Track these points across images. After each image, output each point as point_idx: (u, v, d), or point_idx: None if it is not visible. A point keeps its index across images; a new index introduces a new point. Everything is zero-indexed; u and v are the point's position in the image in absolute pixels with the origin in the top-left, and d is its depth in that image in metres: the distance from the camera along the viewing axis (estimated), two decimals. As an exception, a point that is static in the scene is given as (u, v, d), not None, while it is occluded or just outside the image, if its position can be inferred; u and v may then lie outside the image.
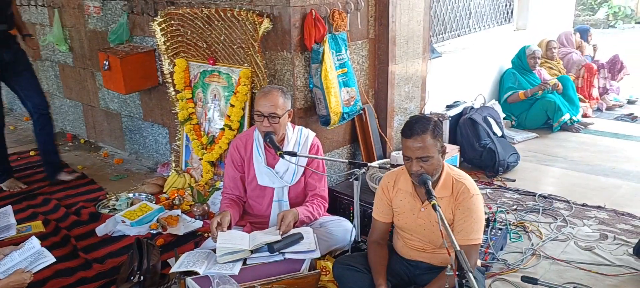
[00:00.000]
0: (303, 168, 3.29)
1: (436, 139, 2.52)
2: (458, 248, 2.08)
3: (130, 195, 4.37)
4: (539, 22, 7.15)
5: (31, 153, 5.54)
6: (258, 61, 3.75)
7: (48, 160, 4.61)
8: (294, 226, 3.07)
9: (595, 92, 6.98)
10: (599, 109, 6.90)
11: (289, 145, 3.20)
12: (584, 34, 7.64)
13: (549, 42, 6.84)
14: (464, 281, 2.07)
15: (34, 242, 3.11)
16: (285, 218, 3.02)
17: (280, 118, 3.11)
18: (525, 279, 2.63)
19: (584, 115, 6.46)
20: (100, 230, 3.82)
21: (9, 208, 4.04)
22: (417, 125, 2.51)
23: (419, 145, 2.49)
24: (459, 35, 5.93)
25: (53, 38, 5.74)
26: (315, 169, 3.27)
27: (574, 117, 6.11)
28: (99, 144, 5.91)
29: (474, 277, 1.99)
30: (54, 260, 3.06)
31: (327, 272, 3.03)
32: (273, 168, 3.27)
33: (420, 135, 2.49)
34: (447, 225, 2.23)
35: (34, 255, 3.04)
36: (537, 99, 6.06)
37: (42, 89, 4.68)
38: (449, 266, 2.13)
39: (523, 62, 6.22)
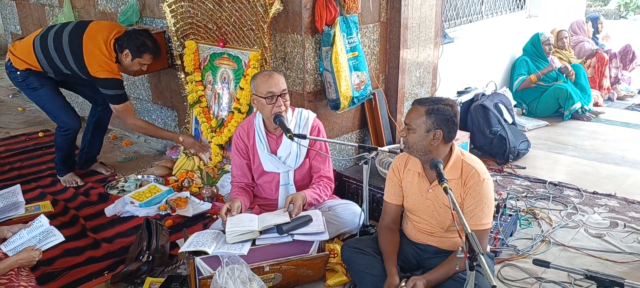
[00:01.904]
0: (306, 151, 3.27)
1: (429, 118, 2.53)
2: (469, 230, 2.07)
3: (139, 176, 4.37)
4: (551, 10, 7.08)
5: (40, 134, 5.56)
6: (265, 43, 3.72)
7: (87, 150, 4.62)
8: (303, 208, 3.07)
9: (606, 83, 6.92)
10: (610, 99, 6.85)
11: (290, 127, 3.18)
12: (593, 22, 7.56)
13: (559, 32, 6.75)
14: (474, 263, 2.06)
15: (43, 221, 3.13)
16: (295, 201, 3.02)
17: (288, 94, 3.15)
18: (537, 262, 2.61)
19: (595, 104, 6.41)
20: (109, 210, 3.83)
21: (18, 187, 4.05)
22: (422, 99, 2.63)
23: (411, 114, 2.58)
24: (471, 21, 5.87)
25: (63, 19, 5.71)
26: (318, 150, 3.26)
27: (585, 106, 6.06)
28: (108, 126, 5.88)
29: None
30: (63, 238, 3.09)
31: (336, 255, 3.03)
32: (275, 154, 3.26)
33: (417, 105, 2.59)
34: (459, 208, 2.22)
35: (43, 233, 3.07)
36: (548, 87, 6.01)
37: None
38: (460, 248, 2.12)
39: (538, 49, 6.16)
